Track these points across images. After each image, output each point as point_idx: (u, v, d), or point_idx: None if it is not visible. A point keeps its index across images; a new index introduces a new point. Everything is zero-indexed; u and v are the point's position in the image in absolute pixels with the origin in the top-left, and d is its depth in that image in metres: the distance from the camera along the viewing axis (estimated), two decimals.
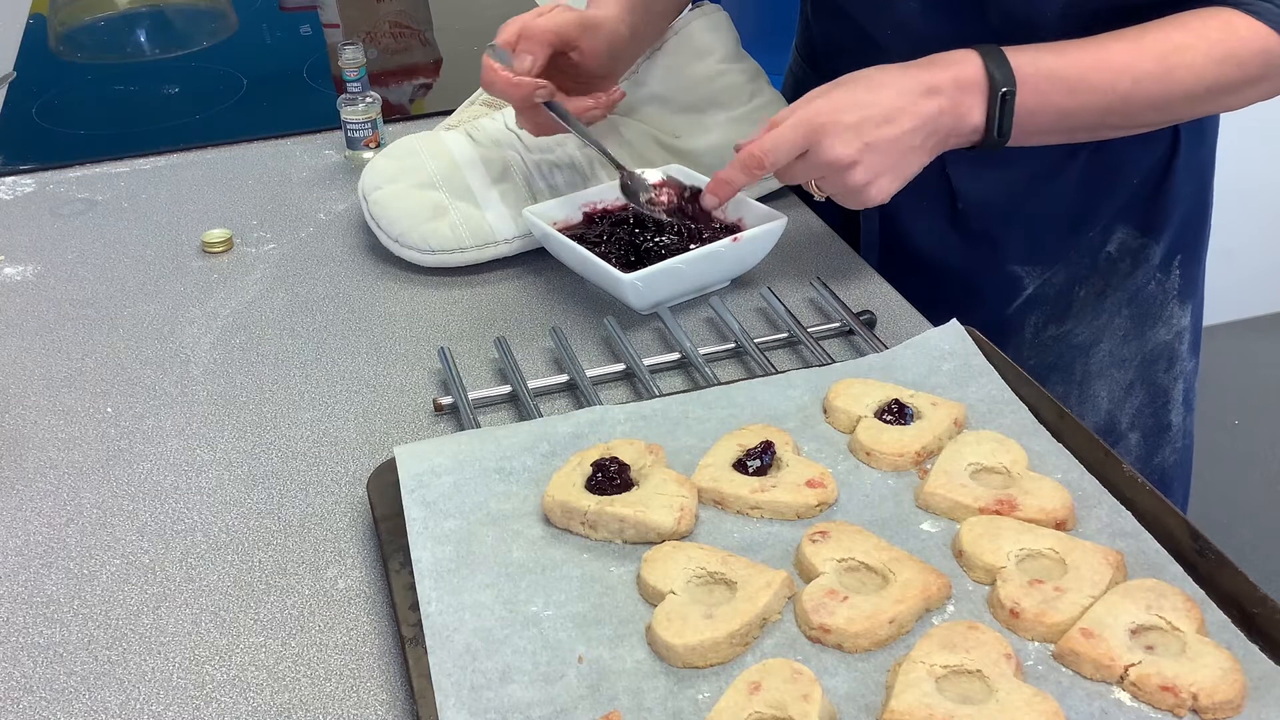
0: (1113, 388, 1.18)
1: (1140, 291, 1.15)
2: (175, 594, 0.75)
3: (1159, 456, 1.22)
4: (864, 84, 0.93)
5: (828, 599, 0.66)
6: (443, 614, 0.68)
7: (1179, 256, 1.15)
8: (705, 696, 0.63)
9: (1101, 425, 1.19)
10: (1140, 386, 1.18)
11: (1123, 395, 1.18)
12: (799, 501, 0.74)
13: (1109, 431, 1.19)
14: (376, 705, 0.67)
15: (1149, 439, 1.21)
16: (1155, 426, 1.20)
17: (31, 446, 0.88)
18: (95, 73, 1.65)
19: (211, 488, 0.83)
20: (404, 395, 0.92)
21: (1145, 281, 1.15)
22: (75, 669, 0.70)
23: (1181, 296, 1.17)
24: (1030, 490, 0.74)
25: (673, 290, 0.99)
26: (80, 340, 1.01)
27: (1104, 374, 1.17)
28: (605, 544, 0.73)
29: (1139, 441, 1.21)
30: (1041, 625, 0.65)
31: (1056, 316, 1.16)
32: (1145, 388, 1.18)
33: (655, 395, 0.86)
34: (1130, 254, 1.13)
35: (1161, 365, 1.18)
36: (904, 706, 0.60)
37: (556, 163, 1.11)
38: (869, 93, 0.92)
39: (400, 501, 0.76)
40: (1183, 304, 1.17)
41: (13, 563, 0.77)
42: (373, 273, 1.09)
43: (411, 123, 1.39)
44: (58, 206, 1.24)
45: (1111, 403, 1.18)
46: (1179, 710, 0.60)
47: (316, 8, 1.81)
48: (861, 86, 0.92)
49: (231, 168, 1.31)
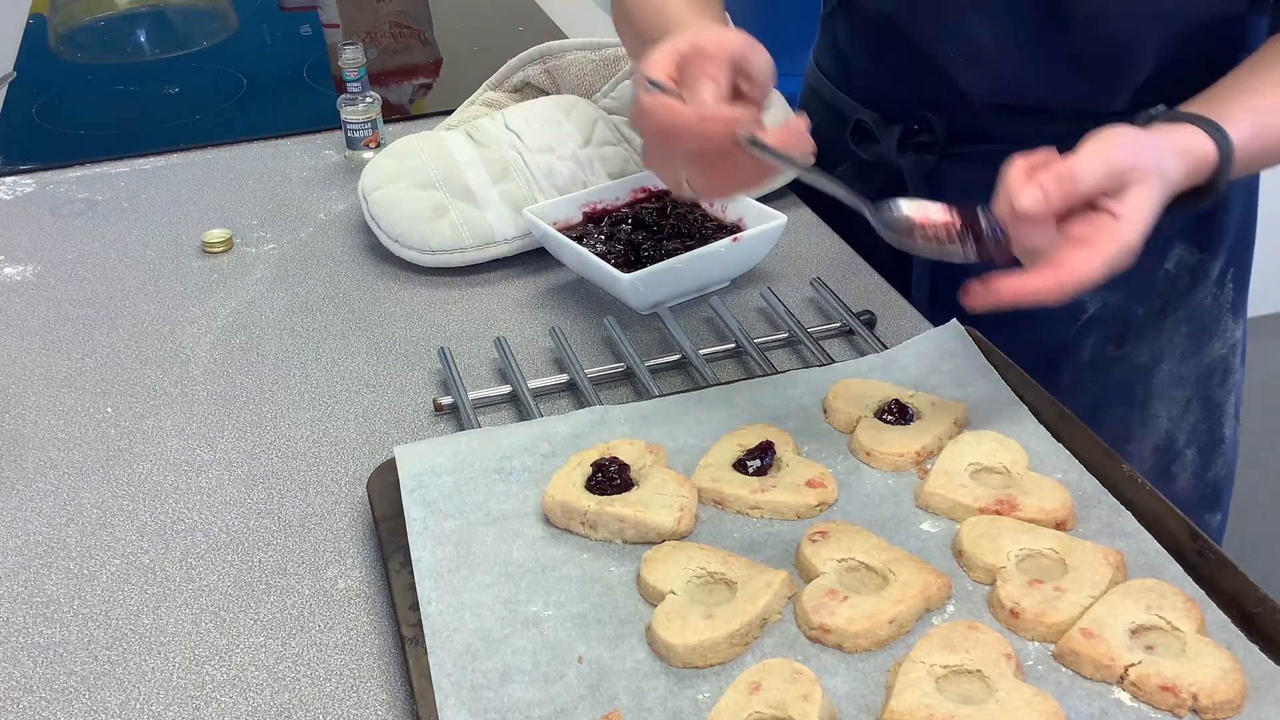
0: (1171, 406, 1.14)
1: (1198, 308, 1.12)
2: (175, 594, 0.75)
3: (1211, 470, 1.19)
4: (1160, 181, 0.76)
5: (828, 599, 0.66)
6: (443, 614, 0.68)
7: (1231, 269, 1.12)
8: (705, 696, 0.63)
9: (1161, 443, 1.15)
10: (1197, 402, 1.15)
11: (1180, 413, 1.15)
12: (799, 501, 0.74)
13: (1167, 450, 1.16)
14: (376, 705, 0.67)
15: (1204, 454, 1.18)
16: (1210, 441, 1.17)
17: (31, 446, 0.88)
18: (95, 73, 1.65)
19: (211, 488, 0.83)
20: (404, 395, 0.92)
21: (1203, 298, 1.11)
22: (75, 669, 0.70)
23: (1234, 309, 1.14)
24: (1030, 490, 0.74)
25: (673, 290, 0.99)
26: (80, 340, 1.01)
27: (1164, 393, 1.13)
28: (605, 544, 0.73)
29: (1194, 457, 1.17)
30: (1041, 625, 0.65)
31: (1116, 337, 1.11)
32: (1201, 403, 1.15)
33: (655, 395, 0.86)
34: (1188, 270, 1.10)
35: (1216, 379, 1.15)
36: (904, 706, 0.60)
37: (556, 163, 1.11)
38: (1164, 189, 0.76)
39: (400, 501, 0.76)
40: (1235, 317, 1.14)
41: (13, 563, 0.77)
42: (373, 273, 1.09)
43: (411, 123, 1.39)
44: (58, 206, 1.24)
45: (1170, 421, 1.15)
46: (1179, 710, 0.60)
47: (316, 8, 1.81)
48: (1159, 184, 0.75)
49: (231, 168, 1.31)
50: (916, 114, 1.07)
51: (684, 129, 0.73)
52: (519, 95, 1.25)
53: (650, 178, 1.08)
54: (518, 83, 1.25)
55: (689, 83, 0.74)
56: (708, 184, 0.78)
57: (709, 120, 0.73)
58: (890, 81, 1.08)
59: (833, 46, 1.18)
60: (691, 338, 0.95)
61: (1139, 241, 0.73)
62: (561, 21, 1.70)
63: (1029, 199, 0.72)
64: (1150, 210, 0.73)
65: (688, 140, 0.73)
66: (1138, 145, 0.74)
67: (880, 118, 1.10)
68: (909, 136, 1.08)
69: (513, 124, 1.13)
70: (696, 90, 0.74)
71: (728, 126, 0.73)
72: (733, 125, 0.73)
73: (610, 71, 1.20)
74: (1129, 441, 1.13)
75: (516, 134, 1.12)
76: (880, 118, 1.10)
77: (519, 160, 1.10)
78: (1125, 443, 1.13)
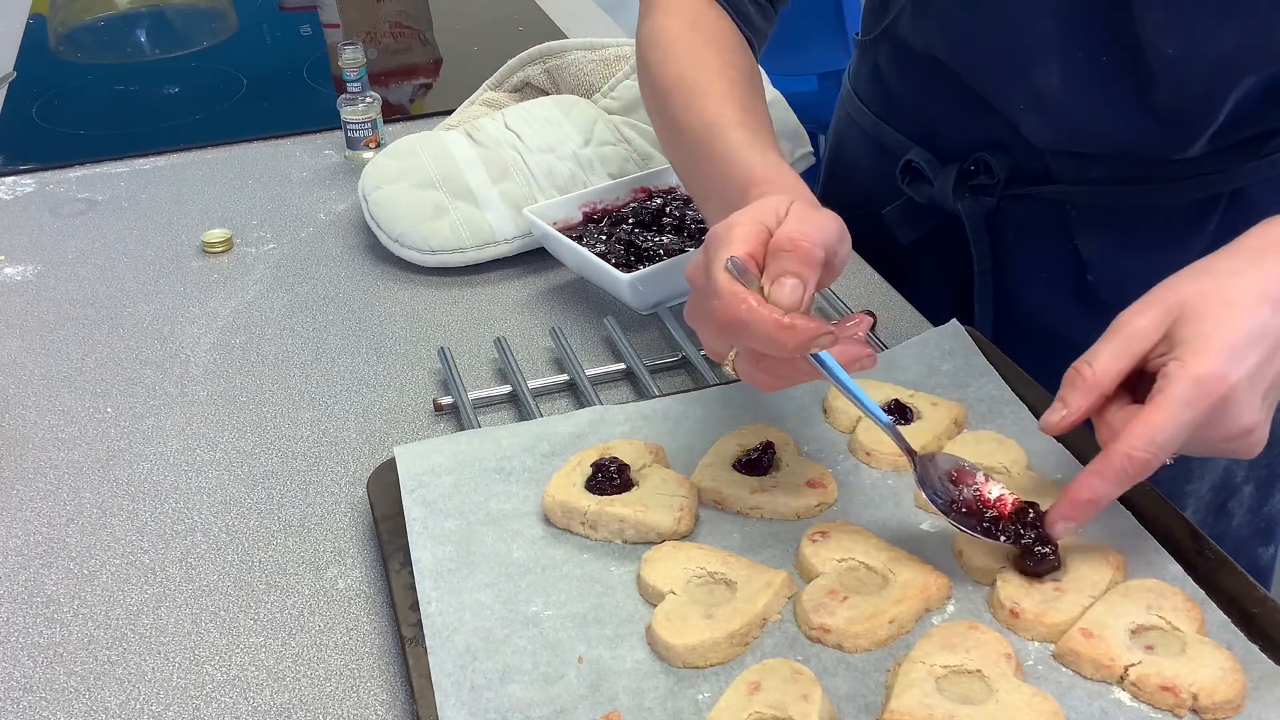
0: None
1: None
2: (175, 594, 0.75)
3: (1268, 505, 1.13)
4: (1235, 308, 0.65)
5: (828, 599, 0.66)
6: (443, 614, 0.68)
7: None
8: (705, 696, 0.63)
9: (1219, 481, 1.08)
10: None
11: None
12: (799, 502, 0.74)
13: (1225, 486, 1.09)
14: (376, 705, 0.67)
15: (1261, 489, 1.12)
16: (1268, 476, 1.11)
17: (31, 446, 0.88)
18: (95, 73, 1.65)
19: (211, 488, 0.83)
20: (404, 395, 0.92)
21: None
22: (75, 669, 0.70)
23: None
24: (1030, 490, 0.74)
25: (673, 290, 0.99)
26: (80, 340, 1.01)
27: None
28: (605, 544, 0.73)
29: (1252, 493, 1.11)
30: (1041, 625, 0.65)
31: None
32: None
33: (655, 395, 0.86)
34: None
35: (1277, 412, 1.10)
36: (904, 706, 0.60)
37: (556, 163, 1.11)
38: (1245, 315, 0.65)
39: (400, 501, 0.76)
40: None
41: (13, 563, 0.77)
42: (373, 273, 1.09)
43: (411, 123, 1.39)
44: (58, 206, 1.24)
45: (1229, 459, 1.07)
46: (1179, 710, 0.60)
47: (316, 8, 1.81)
48: (1238, 312, 0.65)
49: (231, 168, 1.31)
50: (973, 155, 1.00)
51: (757, 332, 0.64)
52: (519, 95, 1.25)
53: (650, 178, 1.08)
54: (518, 83, 1.25)
55: (773, 276, 0.65)
56: (754, 375, 0.69)
57: (785, 330, 0.64)
58: (943, 119, 1.02)
59: (874, 75, 1.10)
60: (691, 338, 0.95)
61: (1223, 368, 0.63)
62: (561, 21, 1.70)
63: (1059, 530, 0.67)
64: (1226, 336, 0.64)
65: (754, 342, 0.65)
66: (1217, 344, 0.65)
67: (933, 157, 1.03)
68: (965, 178, 1.01)
69: (513, 124, 1.13)
70: (780, 291, 0.65)
71: (804, 343, 0.64)
72: (809, 343, 0.64)
73: (610, 71, 1.20)
74: (1189, 481, 1.07)
75: (516, 134, 1.12)
76: (933, 157, 1.03)
77: (519, 160, 1.10)
78: (1185, 482, 1.07)
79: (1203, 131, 0.93)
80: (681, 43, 0.90)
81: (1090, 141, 0.96)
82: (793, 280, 0.65)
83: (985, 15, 0.93)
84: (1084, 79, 0.91)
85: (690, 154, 0.85)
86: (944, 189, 1.02)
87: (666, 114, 0.89)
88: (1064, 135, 0.96)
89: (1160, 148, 0.95)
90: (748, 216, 0.68)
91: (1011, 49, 0.93)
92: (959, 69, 0.98)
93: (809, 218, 0.68)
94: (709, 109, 0.84)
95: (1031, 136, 0.97)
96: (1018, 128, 0.97)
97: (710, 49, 0.89)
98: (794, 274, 0.65)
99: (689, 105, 0.85)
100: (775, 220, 0.68)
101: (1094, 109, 0.92)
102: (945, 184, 1.02)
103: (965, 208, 1.02)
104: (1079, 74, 0.91)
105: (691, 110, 0.85)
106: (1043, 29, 0.90)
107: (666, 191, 1.08)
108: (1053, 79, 0.92)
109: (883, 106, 1.10)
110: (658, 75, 0.90)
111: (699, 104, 0.85)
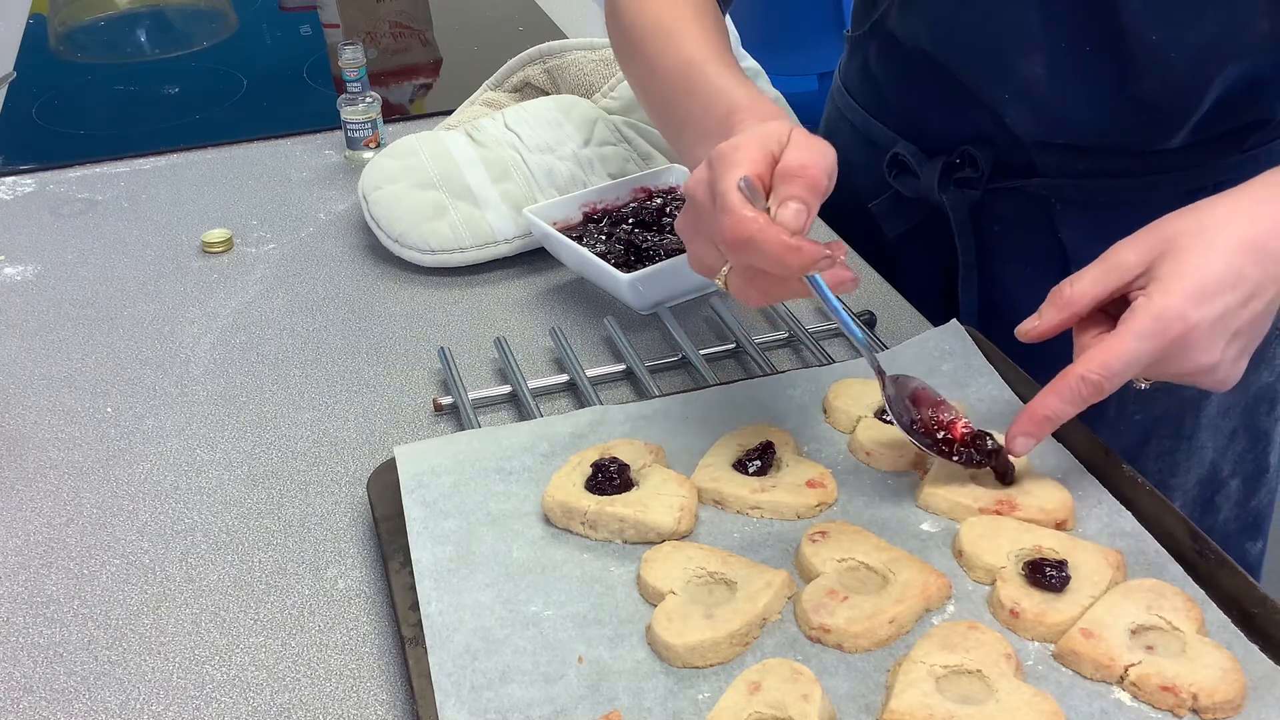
0: (1218, 437, 1.10)
1: None
2: (175, 594, 0.75)
3: (1255, 500, 1.15)
4: (1215, 251, 0.69)
5: (828, 599, 0.66)
6: (443, 614, 0.68)
7: None
8: (705, 696, 0.63)
9: (1205, 475, 1.11)
10: (1243, 432, 1.11)
11: (1226, 443, 1.11)
12: (799, 501, 0.74)
13: (1211, 480, 1.12)
14: (376, 705, 0.67)
15: (1248, 483, 1.14)
16: (1255, 470, 1.14)
17: (31, 446, 0.88)
18: (95, 73, 1.65)
19: (211, 488, 0.83)
20: (404, 395, 0.92)
21: None
22: (75, 669, 0.70)
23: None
24: (1030, 490, 0.74)
25: (673, 290, 0.99)
26: (80, 340, 1.01)
27: (1212, 424, 1.09)
28: (605, 544, 0.73)
29: (1239, 487, 1.14)
30: (1041, 625, 0.65)
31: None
32: (1247, 433, 1.12)
33: (655, 395, 0.86)
34: None
35: (1264, 408, 1.11)
36: (904, 706, 0.60)
37: (556, 163, 1.11)
38: (1223, 260, 0.69)
39: (400, 501, 0.76)
40: None
41: (13, 563, 0.77)
42: (373, 273, 1.09)
43: (411, 123, 1.39)
44: (58, 206, 1.24)
45: (1216, 452, 1.11)
46: (1179, 710, 0.60)
47: (316, 8, 1.81)
48: (1216, 256, 0.69)
49: (231, 168, 1.31)
50: (959, 148, 1.02)
51: (765, 250, 0.67)
52: (519, 95, 1.25)
53: (650, 178, 1.08)
54: (518, 83, 1.25)
55: (781, 199, 0.69)
56: (746, 291, 0.73)
57: (792, 251, 0.67)
58: (929, 113, 1.04)
59: (863, 71, 1.12)
60: (691, 338, 0.95)
61: (1183, 307, 0.67)
62: (561, 21, 1.71)
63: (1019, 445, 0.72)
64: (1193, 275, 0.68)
65: (760, 260, 0.69)
66: (1185, 281, 0.68)
67: (919, 151, 1.05)
68: (951, 171, 1.03)
69: (512, 124, 1.13)
70: (786, 214, 0.68)
71: (807, 263, 0.68)
72: (811, 263, 0.68)
73: (610, 71, 1.20)
74: (1174, 474, 1.10)
75: (516, 134, 1.12)
76: (919, 151, 1.05)
77: (519, 160, 1.10)
78: (1170, 475, 1.09)
79: (1185, 121, 0.94)
80: None
81: (1074, 132, 0.97)
82: (798, 205, 0.69)
83: (969, 6, 0.95)
84: (1067, 68, 0.93)
85: (669, 91, 0.88)
86: (929, 182, 1.04)
87: (642, 55, 0.92)
88: (1048, 126, 0.97)
89: (1143, 138, 0.96)
90: (753, 139, 0.72)
91: (995, 39, 0.95)
92: (945, 61, 0.99)
93: (812, 145, 0.72)
94: (685, 48, 0.87)
95: (1016, 128, 0.98)
96: (1002, 120, 0.98)
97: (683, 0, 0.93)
98: (800, 199, 0.69)
99: (666, 46, 0.89)
100: (778, 145, 0.72)
101: (1078, 99, 0.93)
102: (931, 177, 1.04)
103: (950, 201, 1.04)
104: (1062, 63, 0.93)
105: (669, 50, 0.88)
106: (1026, 18, 0.92)
107: (666, 191, 1.08)
108: (1036, 69, 0.93)
109: (871, 101, 1.12)
110: (632, 22, 0.93)
111: (675, 45, 0.88)
